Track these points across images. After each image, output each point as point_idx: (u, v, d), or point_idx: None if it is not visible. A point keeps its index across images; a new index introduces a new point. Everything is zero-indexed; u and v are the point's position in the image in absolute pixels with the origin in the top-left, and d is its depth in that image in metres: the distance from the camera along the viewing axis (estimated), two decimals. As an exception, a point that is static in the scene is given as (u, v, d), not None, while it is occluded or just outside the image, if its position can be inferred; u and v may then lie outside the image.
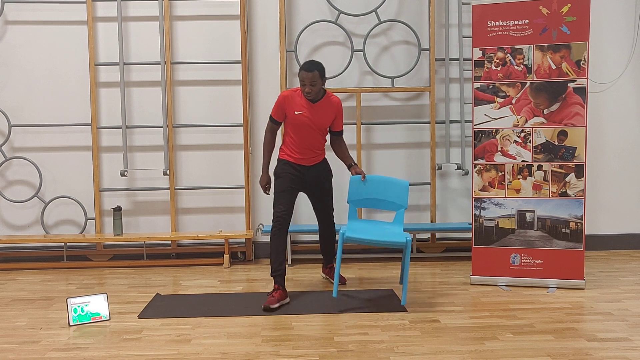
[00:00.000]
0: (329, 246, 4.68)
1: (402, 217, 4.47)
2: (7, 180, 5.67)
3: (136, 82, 5.65)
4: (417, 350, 3.27)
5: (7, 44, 5.59)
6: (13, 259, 5.60)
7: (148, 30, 5.61)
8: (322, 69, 4.21)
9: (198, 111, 5.69)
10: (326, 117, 4.31)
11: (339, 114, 4.38)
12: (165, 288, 4.70)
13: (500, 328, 3.61)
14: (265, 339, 3.48)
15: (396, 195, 4.45)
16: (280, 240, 4.16)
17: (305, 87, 4.16)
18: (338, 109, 4.36)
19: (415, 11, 5.72)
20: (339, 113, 4.37)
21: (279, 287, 4.12)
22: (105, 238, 5.44)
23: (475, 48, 4.58)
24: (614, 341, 3.36)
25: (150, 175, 5.68)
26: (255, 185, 5.69)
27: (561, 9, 4.39)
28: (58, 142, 5.66)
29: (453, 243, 5.79)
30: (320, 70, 4.17)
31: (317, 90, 4.17)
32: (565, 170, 4.44)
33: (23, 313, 4.08)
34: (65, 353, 3.31)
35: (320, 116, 4.28)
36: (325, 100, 4.29)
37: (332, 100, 4.32)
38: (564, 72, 4.42)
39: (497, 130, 4.56)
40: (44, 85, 5.62)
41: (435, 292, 4.45)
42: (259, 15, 5.67)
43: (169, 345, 3.41)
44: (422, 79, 5.75)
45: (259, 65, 5.70)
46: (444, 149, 5.72)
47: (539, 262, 4.49)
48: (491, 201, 4.58)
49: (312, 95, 4.18)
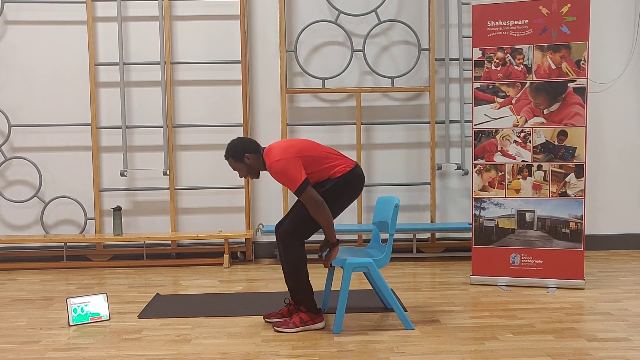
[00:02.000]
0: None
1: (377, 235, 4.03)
2: (7, 180, 5.67)
3: (136, 82, 5.65)
4: (417, 350, 3.26)
5: (7, 43, 5.59)
6: (13, 259, 5.60)
7: (148, 30, 5.61)
8: (234, 151, 3.57)
9: (198, 111, 5.69)
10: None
11: (281, 182, 3.54)
12: (165, 288, 4.70)
13: (500, 328, 3.60)
14: (265, 339, 3.48)
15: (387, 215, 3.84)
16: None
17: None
18: (277, 179, 3.52)
19: (415, 11, 5.72)
20: (280, 181, 3.54)
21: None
22: (105, 238, 5.44)
23: (475, 48, 4.58)
24: (614, 341, 3.36)
25: (150, 175, 5.68)
26: (255, 185, 5.70)
27: (561, 9, 4.39)
28: (58, 142, 5.66)
29: (453, 243, 5.79)
30: (232, 155, 3.58)
31: (245, 172, 3.61)
32: (565, 170, 4.44)
33: (23, 313, 4.08)
34: (65, 353, 3.31)
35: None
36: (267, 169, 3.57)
37: (268, 169, 3.54)
38: (563, 72, 4.42)
39: (497, 130, 4.56)
40: (44, 85, 5.62)
41: (435, 292, 4.45)
42: (259, 15, 5.67)
43: (169, 345, 3.41)
44: (422, 79, 5.75)
45: (258, 65, 5.70)
46: (443, 149, 5.72)
47: (539, 262, 4.49)
48: (491, 201, 4.58)
49: (248, 178, 3.73)
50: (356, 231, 5.51)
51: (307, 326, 3.57)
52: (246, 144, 3.60)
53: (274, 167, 3.46)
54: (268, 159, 3.51)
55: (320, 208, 3.47)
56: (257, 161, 3.58)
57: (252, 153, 3.56)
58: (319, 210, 3.47)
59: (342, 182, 3.57)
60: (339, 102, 5.75)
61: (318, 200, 3.46)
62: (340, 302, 3.56)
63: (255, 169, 3.60)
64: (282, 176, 3.46)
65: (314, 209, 3.47)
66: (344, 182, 3.58)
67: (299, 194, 3.45)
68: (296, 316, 3.59)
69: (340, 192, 3.59)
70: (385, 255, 3.66)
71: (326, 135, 5.74)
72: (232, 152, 3.57)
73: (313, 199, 3.45)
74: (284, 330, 3.56)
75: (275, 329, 3.58)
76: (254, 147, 3.59)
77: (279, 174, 3.46)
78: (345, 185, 3.59)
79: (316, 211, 3.47)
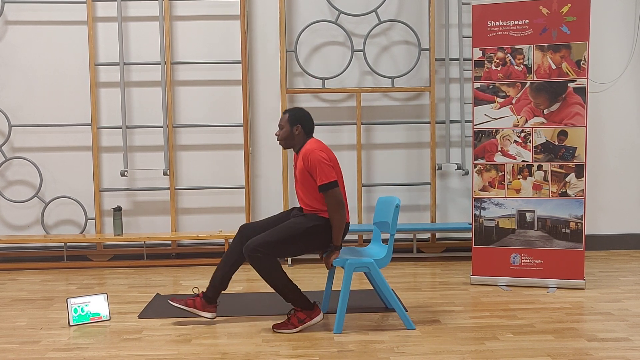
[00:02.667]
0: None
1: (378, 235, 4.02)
2: (7, 181, 5.67)
3: (136, 82, 5.65)
4: (417, 350, 3.26)
5: (7, 44, 5.59)
6: (13, 259, 5.61)
7: (148, 30, 5.61)
8: (295, 115, 3.70)
9: (198, 111, 5.69)
10: (299, 168, 3.65)
11: (310, 169, 3.56)
12: (166, 288, 4.70)
13: (500, 328, 3.60)
14: (266, 339, 3.48)
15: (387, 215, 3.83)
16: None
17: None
18: (307, 164, 3.58)
19: (415, 11, 5.72)
20: (310, 168, 3.57)
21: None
22: (106, 238, 5.44)
23: (475, 48, 4.58)
24: (614, 341, 3.36)
25: (150, 175, 5.68)
26: (255, 185, 5.70)
27: (561, 9, 4.39)
28: (58, 142, 5.66)
29: (453, 243, 5.79)
30: (291, 115, 3.70)
31: (284, 135, 3.70)
32: (565, 170, 4.44)
33: (23, 313, 4.08)
34: (66, 353, 3.31)
35: (297, 168, 3.70)
36: (301, 152, 3.67)
37: (303, 152, 3.63)
38: (564, 72, 4.42)
39: (497, 130, 4.56)
40: (44, 85, 5.62)
41: (435, 292, 4.45)
42: (259, 15, 5.67)
43: (169, 345, 3.41)
44: (422, 79, 5.75)
45: (259, 65, 5.70)
46: (444, 149, 5.72)
47: (539, 262, 4.49)
48: (491, 201, 4.58)
49: (280, 140, 3.75)
50: (356, 231, 5.51)
51: (306, 323, 3.57)
52: (306, 120, 3.73)
53: (314, 155, 3.55)
54: (311, 145, 3.63)
55: (341, 210, 3.54)
56: (300, 137, 3.69)
57: (304, 129, 3.70)
58: (338, 212, 3.53)
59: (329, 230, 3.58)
60: (339, 102, 5.75)
61: (340, 202, 3.54)
62: (341, 302, 3.56)
63: (293, 140, 3.71)
64: (317, 165, 3.52)
65: (334, 208, 3.53)
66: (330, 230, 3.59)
67: (326, 188, 3.51)
68: (293, 317, 3.59)
69: (321, 235, 3.60)
70: (386, 255, 3.66)
71: (326, 135, 5.73)
72: (293, 113, 3.72)
73: (337, 199, 3.53)
74: (283, 331, 3.56)
75: (274, 330, 3.58)
76: (309, 128, 3.73)
77: (315, 162, 3.53)
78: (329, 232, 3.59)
79: (336, 212, 3.53)
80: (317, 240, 3.63)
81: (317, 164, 3.53)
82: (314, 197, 3.61)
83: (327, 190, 3.52)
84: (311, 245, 3.66)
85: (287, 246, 3.58)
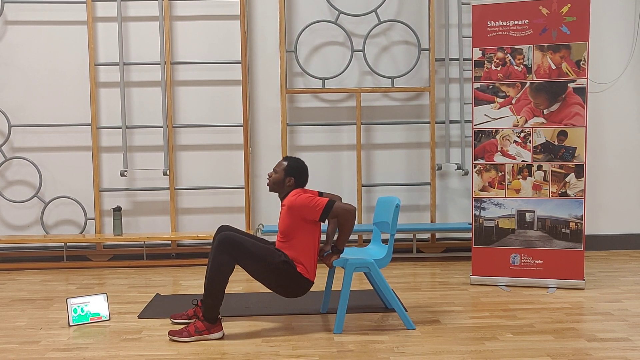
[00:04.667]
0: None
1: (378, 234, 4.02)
2: (7, 181, 5.67)
3: (136, 82, 5.65)
4: (417, 350, 3.26)
5: (7, 44, 5.59)
6: (13, 259, 5.60)
7: (148, 30, 5.62)
8: (292, 167, 3.65)
9: (198, 111, 5.69)
10: (283, 221, 3.60)
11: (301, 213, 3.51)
12: (165, 288, 4.70)
13: (500, 328, 3.60)
14: (265, 339, 3.48)
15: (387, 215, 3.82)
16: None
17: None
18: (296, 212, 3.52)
19: (415, 11, 5.72)
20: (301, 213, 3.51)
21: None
22: (105, 238, 5.44)
23: (475, 48, 4.58)
24: (614, 341, 3.36)
25: (150, 176, 5.68)
26: (255, 185, 5.70)
27: (561, 9, 4.39)
28: (58, 142, 5.66)
29: (453, 243, 5.79)
30: (290, 166, 3.65)
31: (275, 180, 3.66)
32: (565, 170, 4.44)
33: (23, 313, 4.07)
34: (65, 353, 3.31)
35: (281, 219, 3.64)
36: (285, 203, 3.60)
37: (288, 204, 3.56)
38: (563, 72, 4.42)
39: (497, 131, 4.56)
40: (44, 85, 5.62)
41: (435, 292, 4.45)
42: (259, 16, 5.67)
43: (168, 345, 3.41)
44: (422, 79, 5.75)
45: (258, 65, 5.70)
46: (443, 149, 5.72)
47: (539, 262, 4.49)
48: (491, 201, 4.58)
49: (269, 184, 3.70)
50: (356, 231, 5.50)
51: (203, 335, 3.46)
52: (302, 175, 3.68)
53: (297, 201, 3.51)
54: (291, 195, 3.57)
55: (353, 216, 3.51)
56: (289, 189, 3.65)
57: (295, 183, 3.65)
58: (350, 218, 3.50)
59: (295, 277, 3.53)
60: (339, 102, 5.75)
61: (351, 209, 3.51)
62: (341, 302, 3.56)
63: (282, 188, 3.66)
64: (305, 206, 3.49)
65: (348, 217, 3.49)
66: (295, 279, 3.54)
67: (326, 213, 3.47)
68: (192, 325, 3.50)
69: (287, 279, 3.54)
70: (387, 255, 3.66)
71: (326, 135, 5.74)
72: (292, 165, 3.67)
73: (345, 209, 3.50)
74: (177, 339, 3.45)
75: (170, 338, 3.47)
76: (301, 183, 3.68)
77: (302, 206, 3.49)
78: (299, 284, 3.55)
79: (349, 219, 3.50)
80: (282, 279, 3.54)
81: (303, 205, 3.49)
82: (292, 246, 3.55)
83: (330, 212, 3.48)
84: (274, 280, 3.55)
85: (256, 264, 3.50)
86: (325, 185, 5.59)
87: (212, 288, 3.46)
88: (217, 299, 3.48)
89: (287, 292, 3.61)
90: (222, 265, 3.45)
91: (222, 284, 3.47)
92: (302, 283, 3.57)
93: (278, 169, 3.67)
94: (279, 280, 3.56)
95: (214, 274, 3.45)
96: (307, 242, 3.57)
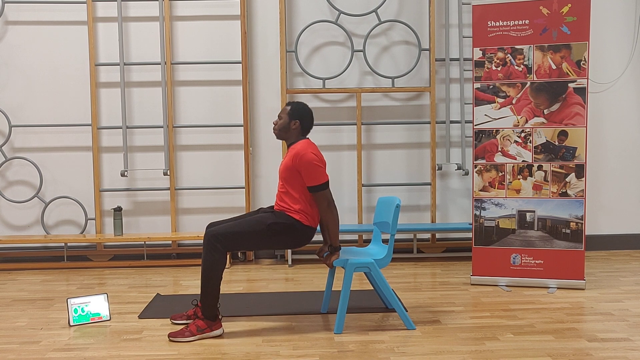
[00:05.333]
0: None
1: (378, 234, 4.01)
2: (8, 181, 5.67)
3: (136, 83, 5.65)
4: (417, 350, 3.26)
5: (8, 44, 5.59)
6: (13, 259, 5.61)
7: (148, 30, 5.62)
8: (296, 110, 3.68)
9: (198, 111, 5.69)
10: (285, 164, 3.61)
11: (300, 169, 3.53)
12: (166, 288, 4.70)
13: (500, 328, 3.60)
14: (266, 339, 3.48)
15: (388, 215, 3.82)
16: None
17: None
18: (298, 164, 3.53)
19: (415, 11, 5.72)
20: (300, 168, 3.53)
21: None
22: (106, 238, 5.44)
23: (476, 48, 4.58)
24: (615, 341, 3.36)
25: (150, 176, 5.69)
26: (255, 185, 5.70)
27: (561, 9, 4.39)
28: (58, 142, 5.66)
29: (453, 243, 5.79)
30: (293, 108, 3.68)
31: (280, 126, 3.68)
32: (566, 170, 4.44)
33: (23, 313, 4.08)
34: (66, 353, 3.31)
35: (283, 164, 3.65)
36: (292, 149, 3.62)
37: (295, 151, 3.57)
38: (564, 72, 4.42)
39: (497, 131, 4.56)
40: (45, 85, 5.62)
41: (435, 292, 4.45)
42: (259, 16, 5.67)
43: (169, 345, 3.41)
44: (422, 79, 5.75)
45: (259, 65, 5.70)
46: (444, 149, 5.72)
47: (540, 262, 4.49)
48: (491, 201, 4.58)
49: (275, 130, 3.71)
50: (357, 231, 5.50)
51: (204, 334, 3.49)
52: (306, 117, 3.70)
53: (307, 156, 3.52)
54: (303, 145, 3.59)
55: (334, 210, 3.56)
56: (295, 132, 3.68)
57: (301, 126, 3.68)
58: (331, 212, 3.55)
59: (291, 229, 3.55)
60: (340, 103, 5.75)
61: (331, 202, 3.56)
62: (341, 302, 3.56)
63: (288, 132, 3.68)
64: (308, 167, 3.51)
65: (326, 209, 3.55)
66: (294, 231, 3.56)
67: (317, 190, 3.51)
68: (193, 324, 3.52)
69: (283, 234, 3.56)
70: (387, 255, 3.66)
71: (326, 135, 5.74)
72: (296, 107, 3.70)
73: (328, 200, 3.55)
74: (179, 339, 3.46)
75: (170, 339, 3.48)
76: (307, 126, 3.71)
77: (307, 163, 3.51)
78: (298, 233, 3.58)
79: (328, 212, 3.55)
80: (279, 238, 3.58)
81: (310, 165, 3.51)
82: (290, 195, 3.60)
83: (319, 192, 3.52)
84: (273, 242, 3.60)
85: (248, 240, 3.54)
86: (325, 186, 5.59)
87: (208, 287, 3.48)
88: (214, 297, 3.50)
89: (291, 245, 3.66)
90: (212, 263, 3.46)
91: (216, 281, 3.48)
92: (304, 231, 3.59)
93: (282, 114, 3.70)
94: (277, 240, 3.59)
95: (207, 272, 3.47)
96: (306, 191, 3.58)
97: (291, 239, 3.61)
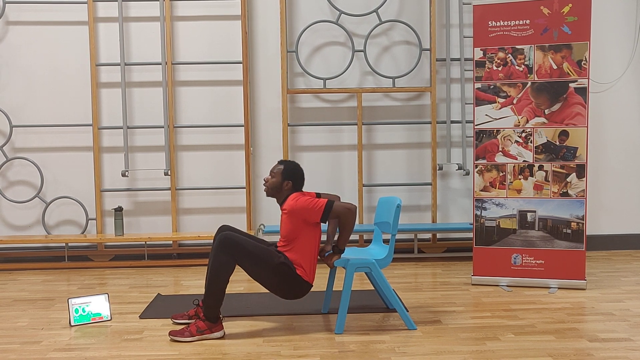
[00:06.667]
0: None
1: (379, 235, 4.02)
2: (9, 181, 5.67)
3: (137, 83, 5.65)
4: (418, 350, 3.26)
5: (9, 44, 5.60)
6: (14, 260, 5.61)
7: (149, 30, 5.62)
8: (289, 170, 3.64)
9: (199, 111, 5.70)
10: (284, 223, 3.60)
11: (302, 215, 3.51)
12: (167, 288, 4.70)
13: (501, 328, 3.60)
14: (267, 339, 3.48)
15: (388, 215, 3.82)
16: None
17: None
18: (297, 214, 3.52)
19: (416, 11, 5.72)
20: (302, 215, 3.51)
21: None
22: (107, 238, 5.44)
23: (476, 48, 4.58)
24: (616, 341, 3.36)
25: (151, 176, 5.69)
26: (256, 185, 5.70)
27: (562, 9, 4.39)
28: (59, 142, 5.66)
29: (454, 243, 5.79)
30: (286, 169, 3.64)
31: (272, 185, 3.64)
32: (567, 170, 4.44)
33: (24, 313, 4.08)
34: (67, 353, 3.31)
35: (283, 221, 3.63)
36: (285, 207, 3.60)
37: (288, 209, 3.56)
38: (565, 72, 4.41)
39: (498, 131, 4.56)
40: (45, 85, 5.63)
41: (436, 293, 4.44)
42: (260, 16, 5.68)
43: (170, 345, 3.41)
44: (423, 79, 5.75)
45: (260, 65, 5.70)
46: (445, 149, 5.71)
47: (540, 263, 4.49)
48: (492, 201, 4.58)
49: (267, 188, 3.68)
50: (357, 231, 5.50)
51: (204, 335, 3.48)
52: (298, 178, 3.67)
53: (298, 203, 3.51)
54: (292, 198, 3.57)
55: (354, 215, 3.53)
56: (287, 192, 3.64)
57: (293, 186, 3.64)
58: (351, 217, 3.52)
59: (293, 278, 3.53)
60: (340, 103, 5.75)
61: (351, 208, 3.52)
62: (342, 302, 3.56)
63: (280, 192, 3.65)
64: (305, 208, 3.49)
65: (348, 216, 3.50)
66: (294, 281, 3.54)
67: (326, 214, 3.48)
68: (193, 325, 3.51)
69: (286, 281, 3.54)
70: (388, 255, 3.66)
71: (327, 135, 5.74)
72: (288, 168, 3.66)
73: (345, 207, 3.52)
74: (179, 339, 3.45)
75: (170, 337, 3.48)
76: (297, 186, 3.67)
77: (302, 208, 3.50)
78: (292, 283, 3.54)
79: (349, 218, 3.51)
80: (280, 279, 3.53)
81: (305, 206, 3.49)
82: (291, 251, 3.55)
83: (331, 212, 3.49)
84: (273, 280, 3.55)
85: (255, 264, 3.50)
86: (326, 186, 5.60)
87: (213, 288, 3.46)
88: (217, 299, 3.49)
89: (285, 294, 3.61)
90: (222, 265, 3.45)
91: (222, 284, 3.47)
92: (301, 285, 3.57)
93: (275, 172, 3.66)
94: (277, 282, 3.55)
95: (215, 273, 3.45)
96: (308, 245, 3.57)
97: (290, 288, 3.57)
